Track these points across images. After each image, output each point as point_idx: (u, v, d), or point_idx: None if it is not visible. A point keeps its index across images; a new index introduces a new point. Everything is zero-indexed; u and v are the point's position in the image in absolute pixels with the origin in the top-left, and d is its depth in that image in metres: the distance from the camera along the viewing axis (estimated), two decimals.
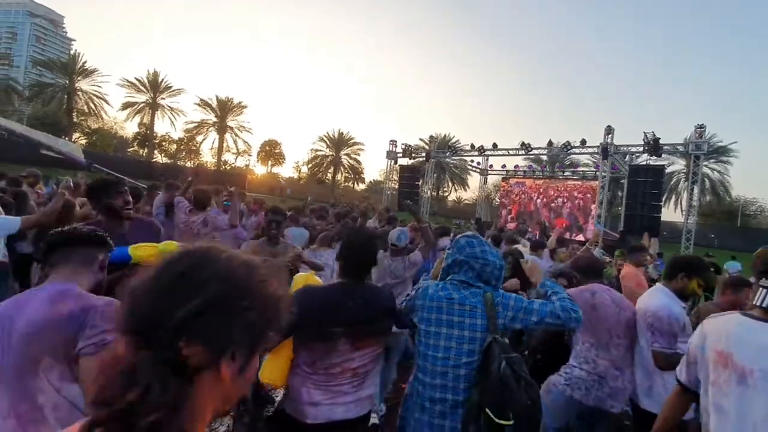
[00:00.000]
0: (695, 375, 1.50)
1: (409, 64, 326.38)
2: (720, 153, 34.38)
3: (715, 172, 35.74)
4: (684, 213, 15.14)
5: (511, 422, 1.44)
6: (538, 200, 20.51)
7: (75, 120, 40.77)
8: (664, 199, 34.67)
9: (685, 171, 14.27)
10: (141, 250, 1.87)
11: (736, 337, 1.37)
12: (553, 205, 19.90)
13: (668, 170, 33.47)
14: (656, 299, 2.27)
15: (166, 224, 4.01)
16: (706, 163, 33.75)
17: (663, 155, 15.16)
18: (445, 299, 1.70)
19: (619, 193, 28.22)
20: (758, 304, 1.38)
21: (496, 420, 1.45)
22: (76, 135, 42.61)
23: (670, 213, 35.24)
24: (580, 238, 16.17)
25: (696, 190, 15.04)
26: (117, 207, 2.20)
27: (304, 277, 2.08)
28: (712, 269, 7.43)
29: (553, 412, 2.37)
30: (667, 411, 1.66)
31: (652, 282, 4.06)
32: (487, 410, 1.47)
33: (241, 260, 0.62)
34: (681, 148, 15.08)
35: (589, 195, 18.34)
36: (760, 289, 1.40)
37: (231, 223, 4.16)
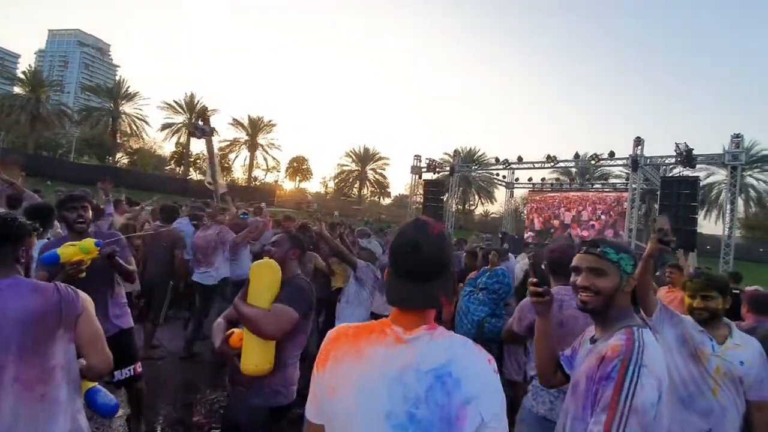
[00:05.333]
0: None
1: (433, 79, 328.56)
2: (764, 162, 32.47)
3: (761, 183, 33.71)
4: (724, 226, 14.37)
5: None
6: (566, 213, 20.05)
7: (118, 141, 43.36)
8: (705, 211, 33.02)
9: (726, 182, 13.60)
10: (66, 249, 2.16)
11: None
12: (582, 218, 19.41)
13: (709, 181, 31.98)
14: None
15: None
16: (750, 173, 32.02)
17: (701, 166, 14.58)
18: None
19: (655, 206, 27.14)
20: None
21: None
22: (119, 155, 45.26)
23: (712, 226, 33.40)
24: None
25: (740, 202, 14.33)
26: (70, 220, 2.53)
27: (268, 264, 2.04)
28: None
29: None
30: None
31: None
32: None
33: None
34: (717, 159, 14.43)
35: (620, 207, 17.78)
36: None
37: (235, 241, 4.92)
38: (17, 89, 39.13)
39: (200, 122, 7.17)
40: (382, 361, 0.93)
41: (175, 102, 45.01)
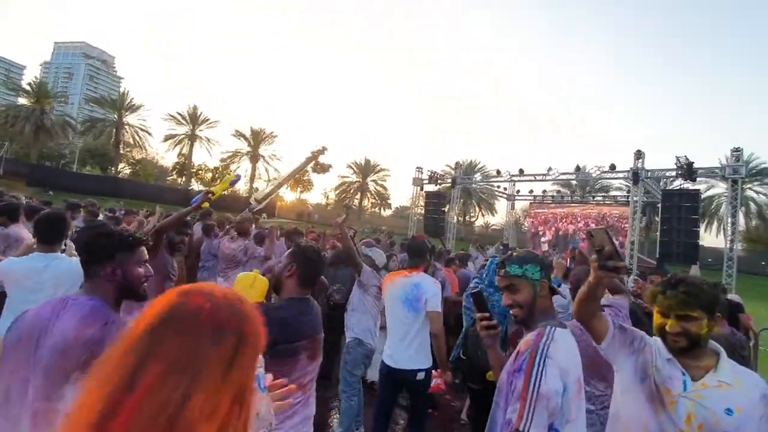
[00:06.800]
0: None
1: (435, 92, 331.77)
2: (764, 175, 32.59)
3: (761, 196, 33.78)
4: (726, 239, 14.36)
5: None
6: (570, 226, 20.04)
7: (121, 151, 43.61)
8: (706, 224, 33.02)
9: (726, 195, 13.61)
10: (217, 188, 3.12)
11: None
12: (581, 228, 19.38)
13: (709, 194, 32.05)
14: None
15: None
16: (749, 186, 32.10)
17: (701, 179, 14.63)
18: None
19: (656, 218, 27.13)
20: None
21: None
22: (121, 165, 45.46)
23: (713, 239, 33.38)
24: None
25: (740, 215, 14.34)
26: (175, 242, 3.13)
27: (252, 277, 1.85)
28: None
29: None
30: None
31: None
32: None
33: None
34: (718, 172, 14.49)
35: (623, 220, 17.78)
36: None
37: (266, 255, 4.74)
38: (22, 100, 39.50)
39: (321, 159, 9.24)
40: (400, 282, 3.02)
41: (179, 114, 45.49)
